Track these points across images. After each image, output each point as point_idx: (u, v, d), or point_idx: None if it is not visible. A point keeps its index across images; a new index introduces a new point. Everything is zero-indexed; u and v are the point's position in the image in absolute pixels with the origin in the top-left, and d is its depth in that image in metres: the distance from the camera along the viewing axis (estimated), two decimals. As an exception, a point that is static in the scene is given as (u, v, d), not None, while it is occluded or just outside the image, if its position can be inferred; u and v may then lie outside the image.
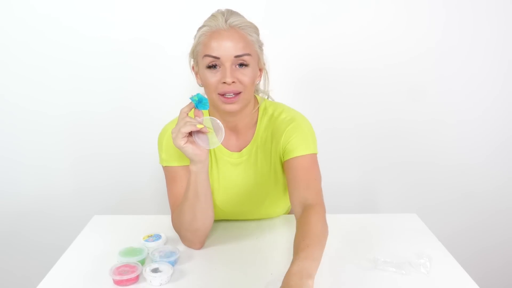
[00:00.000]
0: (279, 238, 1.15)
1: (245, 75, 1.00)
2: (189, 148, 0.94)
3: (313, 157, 1.08)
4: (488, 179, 1.76)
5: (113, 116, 1.63)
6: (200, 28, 1.04)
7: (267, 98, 1.20)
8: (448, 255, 1.06)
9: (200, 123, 0.94)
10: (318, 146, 1.12)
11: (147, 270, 0.93)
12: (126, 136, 1.65)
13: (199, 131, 0.94)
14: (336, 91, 1.65)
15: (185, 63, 1.05)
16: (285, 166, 1.09)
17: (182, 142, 0.93)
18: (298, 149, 1.07)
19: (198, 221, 1.03)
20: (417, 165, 1.73)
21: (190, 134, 0.94)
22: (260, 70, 1.09)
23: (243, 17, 1.05)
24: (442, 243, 1.12)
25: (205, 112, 1.11)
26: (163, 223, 1.21)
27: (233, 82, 0.99)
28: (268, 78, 1.14)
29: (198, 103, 0.95)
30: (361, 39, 1.59)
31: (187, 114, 0.95)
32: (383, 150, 1.71)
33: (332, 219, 1.24)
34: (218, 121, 0.97)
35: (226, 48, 0.98)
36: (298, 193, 1.03)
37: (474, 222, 1.80)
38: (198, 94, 0.95)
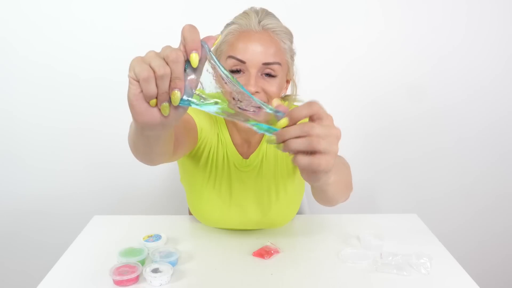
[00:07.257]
0: (280, 238, 1.15)
1: (271, 85, 0.88)
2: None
3: None
4: (489, 179, 1.76)
5: (113, 116, 1.63)
6: (228, 25, 0.92)
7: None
8: (448, 255, 1.06)
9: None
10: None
11: (147, 270, 0.93)
12: (126, 136, 1.65)
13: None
14: (335, 91, 1.65)
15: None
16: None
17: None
18: None
19: (155, 154, 0.76)
20: (417, 165, 1.73)
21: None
22: (288, 81, 0.98)
23: (278, 20, 0.93)
24: (442, 243, 1.12)
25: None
26: (163, 223, 1.21)
27: (256, 92, 0.86)
28: (296, 90, 1.02)
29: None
30: (360, 40, 1.59)
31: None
32: (383, 150, 1.71)
33: (332, 219, 1.25)
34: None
35: (254, 53, 0.85)
36: None
37: (474, 221, 1.80)
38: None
